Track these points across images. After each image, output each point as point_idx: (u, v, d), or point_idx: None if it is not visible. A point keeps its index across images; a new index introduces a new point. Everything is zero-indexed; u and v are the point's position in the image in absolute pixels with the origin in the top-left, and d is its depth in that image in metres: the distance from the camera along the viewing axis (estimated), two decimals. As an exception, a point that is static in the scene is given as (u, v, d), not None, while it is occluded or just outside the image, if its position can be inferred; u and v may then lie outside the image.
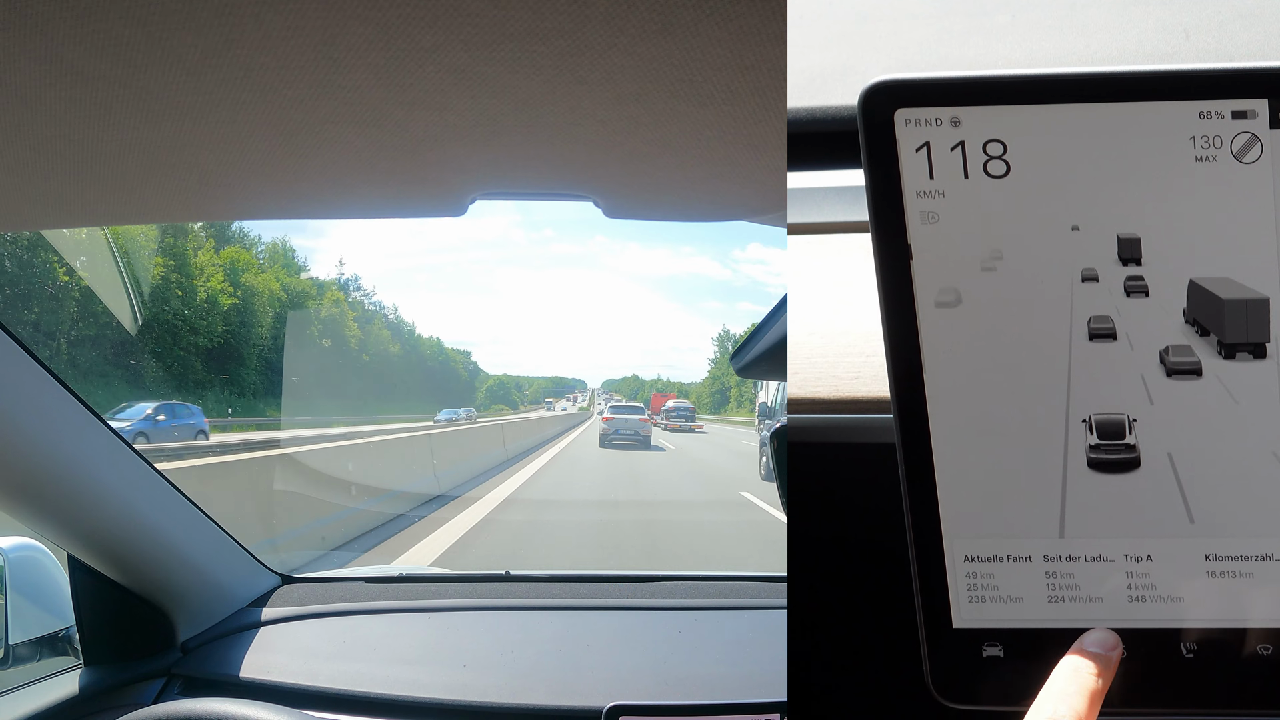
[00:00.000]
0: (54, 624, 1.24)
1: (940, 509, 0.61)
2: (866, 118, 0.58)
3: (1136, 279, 0.58)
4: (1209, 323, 0.58)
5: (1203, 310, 0.58)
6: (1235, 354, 0.58)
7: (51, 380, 1.00)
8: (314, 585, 1.56)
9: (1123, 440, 0.59)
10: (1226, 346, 0.57)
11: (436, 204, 0.95)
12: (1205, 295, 0.58)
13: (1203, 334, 0.58)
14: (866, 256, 0.61)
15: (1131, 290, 0.58)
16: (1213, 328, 0.58)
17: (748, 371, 1.01)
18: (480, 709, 1.19)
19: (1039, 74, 0.57)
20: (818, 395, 0.84)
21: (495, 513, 8.15)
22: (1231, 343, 0.57)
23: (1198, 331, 0.58)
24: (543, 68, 0.63)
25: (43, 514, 1.07)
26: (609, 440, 20.57)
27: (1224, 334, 0.57)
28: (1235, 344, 0.57)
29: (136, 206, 0.94)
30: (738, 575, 1.68)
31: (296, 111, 0.69)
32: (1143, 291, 0.58)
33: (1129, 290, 0.58)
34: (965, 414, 0.60)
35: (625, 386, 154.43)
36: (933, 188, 0.59)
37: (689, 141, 0.76)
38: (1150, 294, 0.58)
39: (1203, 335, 0.58)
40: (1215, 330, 0.58)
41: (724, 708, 1.15)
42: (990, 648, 0.62)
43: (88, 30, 0.56)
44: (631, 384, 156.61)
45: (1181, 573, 0.60)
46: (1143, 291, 0.58)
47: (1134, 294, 0.58)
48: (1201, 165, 0.56)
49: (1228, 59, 0.66)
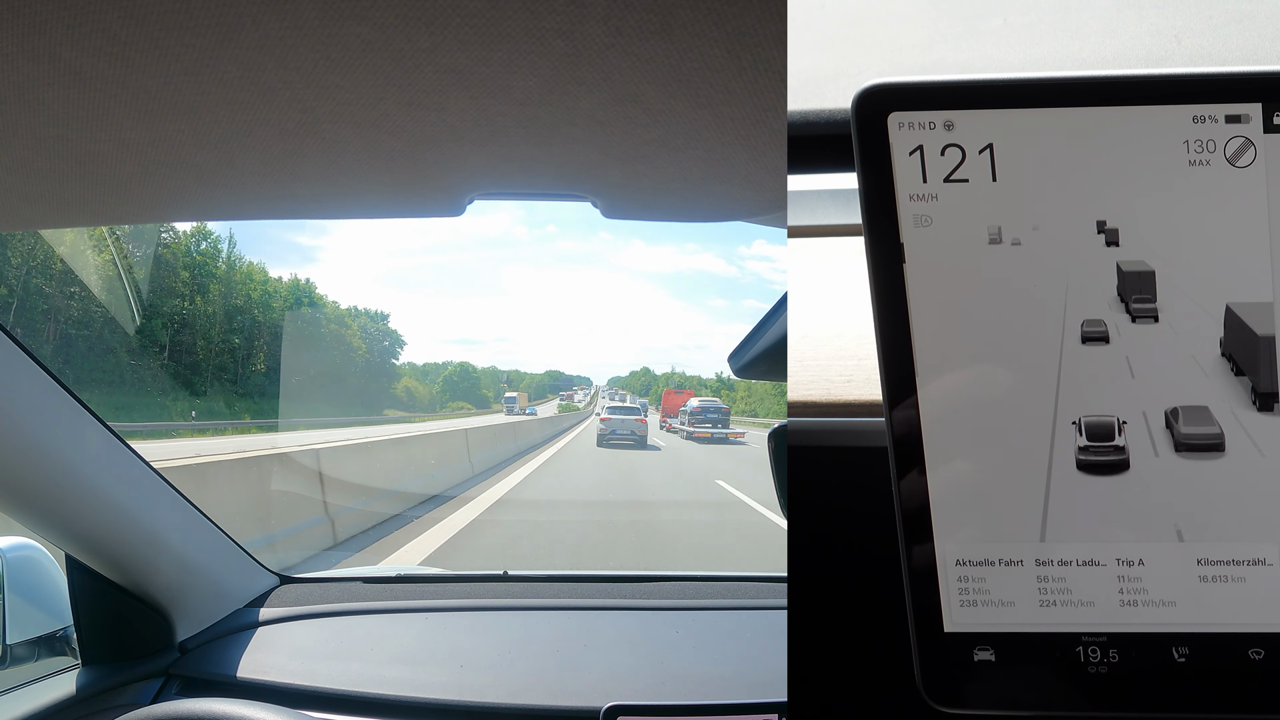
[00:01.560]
0: (52, 624, 1.24)
1: (932, 513, 0.61)
2: (860, 121, 0.59)
3: (1131, 280, 0.58)
4: (1245, 364, 0.58)
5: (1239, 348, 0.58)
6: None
7: (49, 380, 1.00)
8: (311, 585, 1.56)
9: (1112, 442, 0.59)
10: (1262, 396, 0.58)
11: (434, 204, 0.95)
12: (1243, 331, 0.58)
13: (1238, 373, 0.58)
14: (859, 260, 0.61)
15: (1136, 312, 0.59)
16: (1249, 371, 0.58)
17: (745, 372, 1.01)
18: (478, 709, 1.19)
19: (1032, 78, 0.57)
20: (810, 399, 0.84)
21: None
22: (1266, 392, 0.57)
23: (1233, 369, 0.58)
24: (540, 68, 0.63)
25: (41, 514, 1.07)
26: (606, 440, 20.58)
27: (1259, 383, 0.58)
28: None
29: (135, 206, 0.94)
30: (736, 576, 1.68)
31: (294, 111, 0.70)
32: (1146, 310, 0.59)
33: (1127, 304, 0.59)
34: (957, 418, 0.60)
35: (634, 382, 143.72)
36: (925, 191, 0.59)
37: (687, 142, 0.76)
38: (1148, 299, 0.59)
39: (1238, 375, 0.58)
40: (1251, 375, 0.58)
41: (722, 708, 1.15)
42: (981, 652, 0.62)
43: (86, 30, 0.56)
44: (642, 378, 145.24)
45: (1173, 577, 0.60)
46: (1146, 310, 0.59)
47: (1137, 313, 0.59)
48: (1195, 169, 0.56)
49: (1220, 63, 0.66)
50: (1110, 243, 0.58)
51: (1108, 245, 0.58)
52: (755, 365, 0.98)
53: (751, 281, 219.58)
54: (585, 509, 9.09)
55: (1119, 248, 0.58)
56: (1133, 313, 0.58)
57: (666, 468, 15.50)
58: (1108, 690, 0.60)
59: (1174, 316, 0.58)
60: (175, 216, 1.01)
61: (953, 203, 0.59)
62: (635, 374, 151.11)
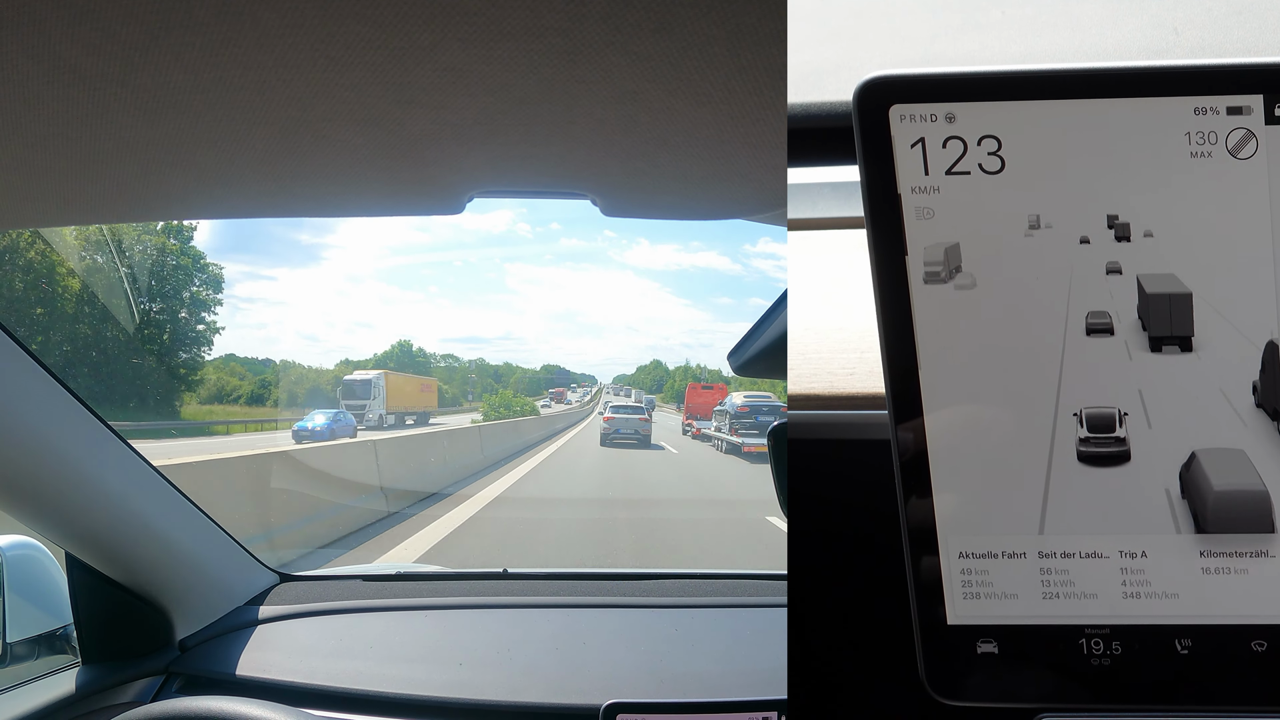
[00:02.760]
0: (52, 622, 1.24)
1: (935, 506, 0.61)
2: (861, 113, 0.59)
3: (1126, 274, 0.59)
4: None
5: None
6: None
7: (49, 378, 1.00)
8: (311, 583, 1.56)
9: (1113, 433, 0.59)
10: None
11: (434, 202, 0.96)
12: None
13: None
14: (862, 252, 0.61)
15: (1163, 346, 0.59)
16: None
17: (746, 369, 1.01)
18: (478, 707, 1.19)
19: (1033, 70, 0.57)
20: (813, 391, 0.84)
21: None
22: None
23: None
24: (540, 66, 0.63)
25: (41, 512, 1.07)
26: (610, 439, 20.34)
27: None
28: None
29: (135, 205, 0.94)
30: (735, 573, 1.68)
31: (294, 110, 0.70)
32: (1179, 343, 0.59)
33: (1150, 330, 0.59)
34: (960, 410, 0.61)
35: (644, 378, 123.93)
36: (927, 183, 0.59)
37: (686, 140, 0.76)
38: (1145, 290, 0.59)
39: None
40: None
41: (722, 705, 1.15)
42: (985, 644, 0.62)
43: (86, 28, 0.56)
44: (653, 373, 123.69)
45: (1176, 569, 0.60)
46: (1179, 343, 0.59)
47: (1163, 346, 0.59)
48: (1196, 161, 0.56)
49: (1221, 54, 0.66)
50: (1121, 237, 0.58)
51: (1118, 240, 0.58)
52: (755, 363, 0.98)
53: (757, 279, 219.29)
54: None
55: (1130, 243, 0.58)
56: (1153, 343, 0.58)
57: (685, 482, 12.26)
58: (1111, 682, 0.60)
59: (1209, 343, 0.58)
60: (175, 215, 1.01)
61: (955, 195, 0.59)
62: (644, 369, 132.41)
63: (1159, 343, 0.58)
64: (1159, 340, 0.58)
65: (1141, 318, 0.58)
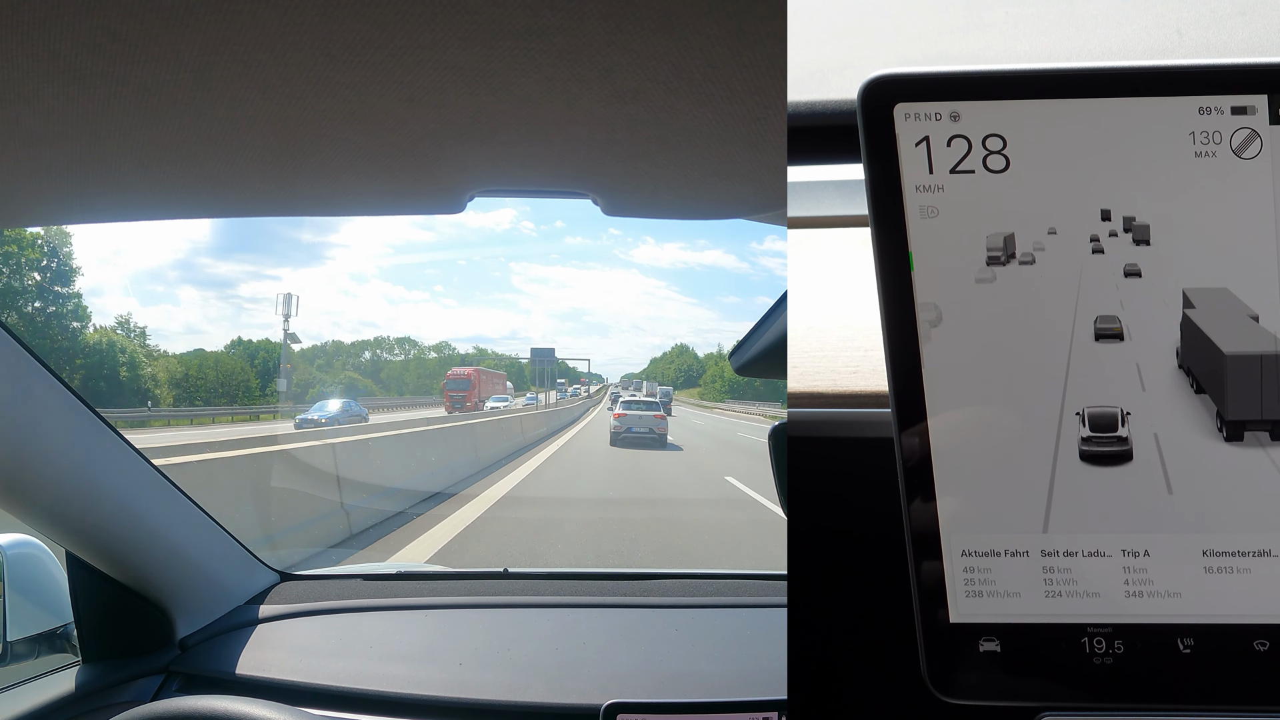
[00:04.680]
0: (52, 621, 1.24)
1: (938, 504, 0.61)
2: (866, 112, 0.58)
3: (1135, 273, 0.58)
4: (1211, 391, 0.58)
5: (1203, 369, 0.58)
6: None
7: (49, 376, 1.00)
8: (312, 582, 1.56)
9: (1115, 433, 0.59)
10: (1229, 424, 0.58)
11: (435, 201, 0.95)
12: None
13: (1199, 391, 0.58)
14: (866, 251, 0.61)
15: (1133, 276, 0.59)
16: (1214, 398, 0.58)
17: (747, 370, 1.01)
18: (478, 706, 1.19)
19: (1039, 69, 0.57)
20: (816, 389, 0.84)
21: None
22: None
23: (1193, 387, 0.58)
24: (541, 65, 0.63)
25: (41, 511, 1.07)
26: (620, 438, 17.68)
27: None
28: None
29: (135, 204, 0.94)
30: (735, 573, 1.68)
31: (295, 108, 0.69)
32: (1143, 287, 0.59)
33: (1126, 272, 0.59)
34: (964, 409, 0.60)
35: (666, 368, 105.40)
36: (932, 182, 0.59)
37: (687, 139, 0.76)
38: (1151, 289, 0.58)
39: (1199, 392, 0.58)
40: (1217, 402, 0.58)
41: (722, 705, 1.15)
42: (987, 643, 0.62)
43: (86, 27, 0.56)
44: (676, 361, 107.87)
45: (1178, 569, 0.60)
46: (1143, 287, 0.59)
47: (1134, 284, 0.59)
48: (1201, 161, 0.56)
49: (1225, 54, 0.66)
50: (1140, 240, 0.58)
51: (1127, 241, 0.58)
52: (757, 363, 0.97)
53: (764, 278, 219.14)
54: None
55: (1133, 242, 0.58)
56: (1230, 430, 0.58)
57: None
58: (1113, 681, 0.60)
59: (1175, 309, 0.58)
60: (176, 214, 1.01)
61: (959, 194, 0.58)
62: (667, 355, 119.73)
63: (1238, 428, 0.58)
64: (1238, 425, 0.58)
65: (1191, 368, 0.58)
